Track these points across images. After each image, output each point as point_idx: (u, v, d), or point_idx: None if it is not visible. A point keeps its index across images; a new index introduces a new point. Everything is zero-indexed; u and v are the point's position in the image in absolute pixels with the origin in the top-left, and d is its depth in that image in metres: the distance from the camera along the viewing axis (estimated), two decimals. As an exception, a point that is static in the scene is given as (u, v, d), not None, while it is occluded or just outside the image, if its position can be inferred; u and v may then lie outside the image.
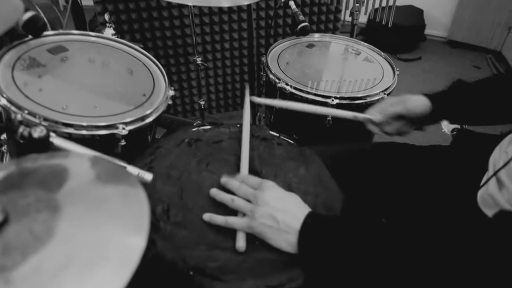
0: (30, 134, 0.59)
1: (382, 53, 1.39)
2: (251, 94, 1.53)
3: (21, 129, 0.61)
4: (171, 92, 0.93)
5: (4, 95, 0.75)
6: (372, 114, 0.95)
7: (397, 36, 3.07)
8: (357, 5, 1.62)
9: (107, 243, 0.46)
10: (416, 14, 3.22)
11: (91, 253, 0.44)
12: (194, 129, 0.93)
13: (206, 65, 1.89)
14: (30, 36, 0.91)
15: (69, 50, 0.95)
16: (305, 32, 1.44)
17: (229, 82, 2.10)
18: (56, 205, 0.49)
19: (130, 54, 1.04)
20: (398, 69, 1.30)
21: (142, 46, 1.67)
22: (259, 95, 1.97)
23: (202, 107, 1.94)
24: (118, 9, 1.67)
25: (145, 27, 1.80)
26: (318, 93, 1.14)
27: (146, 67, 1.02)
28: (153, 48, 1.84)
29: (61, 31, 0.99)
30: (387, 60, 1.37)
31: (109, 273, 0.42)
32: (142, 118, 0.83)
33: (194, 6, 1.55)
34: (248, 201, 0.70)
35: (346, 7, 1.72)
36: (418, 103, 0.91)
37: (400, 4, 2.92)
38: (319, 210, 0.73)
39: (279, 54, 1.36)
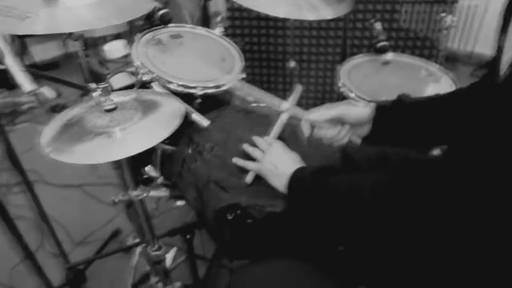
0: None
1: (450, 73, 1.47)
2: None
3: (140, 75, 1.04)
4: (240, 76, 1.27)
5: (139, 59, 1.19)
6: (309, 114, 0.92)
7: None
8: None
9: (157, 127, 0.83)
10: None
11: (153, 124, 0.84)
12: (253, 104, 1.24)
13: (298, 68, 2.20)
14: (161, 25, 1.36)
15: (183, 37, 1.37)
16: (383, 50, 1.61)
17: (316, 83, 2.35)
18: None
19: (225, 47, 1.41)
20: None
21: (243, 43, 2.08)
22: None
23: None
24: (233, 16, 2.12)
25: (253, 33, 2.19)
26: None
27: (233, 57, 1.38)
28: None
29: (180, 24, 1.42)
30: (454, 82, 1.44)
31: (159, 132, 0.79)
32: (216, 87, 1.19)
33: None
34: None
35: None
36: (356, 109, 0.89)
37: None
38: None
39: (354, 66, 1.55)
